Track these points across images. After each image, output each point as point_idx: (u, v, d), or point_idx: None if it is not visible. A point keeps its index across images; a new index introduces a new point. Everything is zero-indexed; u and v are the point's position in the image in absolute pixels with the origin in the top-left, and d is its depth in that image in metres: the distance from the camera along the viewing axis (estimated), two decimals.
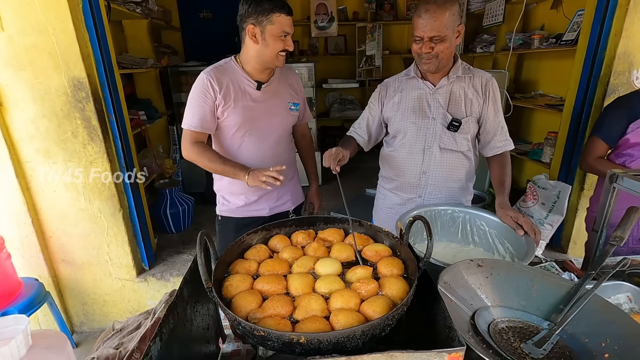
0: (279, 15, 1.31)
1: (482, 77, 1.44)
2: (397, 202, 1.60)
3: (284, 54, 1.40)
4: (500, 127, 1.45)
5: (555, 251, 2.58)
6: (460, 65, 1.43)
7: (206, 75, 1.41)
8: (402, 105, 1.49)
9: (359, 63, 5.23)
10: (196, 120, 1.42)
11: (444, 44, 1.30)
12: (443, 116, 1.43)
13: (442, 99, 1.43)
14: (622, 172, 1.16)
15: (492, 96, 1.43)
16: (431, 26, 1.26)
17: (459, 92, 1.42)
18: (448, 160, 1.48)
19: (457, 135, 1.44)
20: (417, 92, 1.47)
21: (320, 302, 0.78)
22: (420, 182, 1.52)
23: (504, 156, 1.47)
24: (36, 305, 1.92)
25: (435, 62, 1.34)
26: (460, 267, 0.94)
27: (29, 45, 1.85)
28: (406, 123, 1.48)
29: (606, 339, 0.78)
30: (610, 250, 0.98)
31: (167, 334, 0.73)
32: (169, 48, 4.25)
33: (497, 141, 1.46)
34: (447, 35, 1.28)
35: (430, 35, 1.28)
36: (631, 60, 2.10)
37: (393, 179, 1.59)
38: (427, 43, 1.30)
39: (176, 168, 3.72)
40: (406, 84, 1.50)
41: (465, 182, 1.55)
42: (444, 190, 1.52)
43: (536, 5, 3.39)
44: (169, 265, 2.55)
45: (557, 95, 3.07)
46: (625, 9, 2.00)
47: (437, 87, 1.43)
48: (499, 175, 1.43)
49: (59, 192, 2.11)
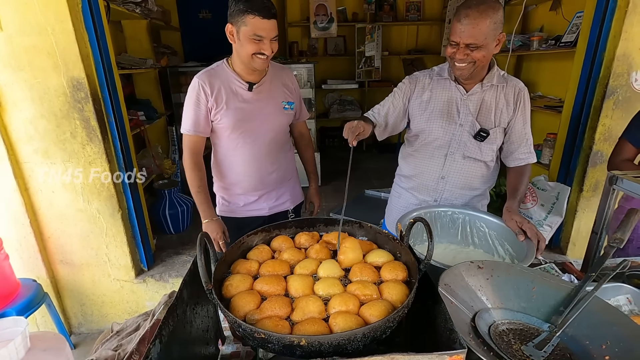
0: (253, 18, 1.28)
1: (516, 87, 1.38)
2: (413, 202, 1.56)
3: (262, 57, 1.35)
4: (525, 139, 1.40)
5: (555, 252, 2.58)
6: (496, 73, 1.36)
7: (198, 79, 1.43)
8: (431, 105, 1.43)
9: (358, 64, 5.23)
10: (190, 124, 1.47)
11: (480, 52, 1.22)
12: (471, 124, 1.38)
13: (472, 106, 1.38)
14: (622, 174, 1.16)
15: (522, 107, 1.37)
16: (469, 33, 1.19)
17: (491, 100, 1.37)
18: (469, 168, 1.43)
19: (482, 145, 1.39)
20: (448, 94, 1.41)
21: (319, 304, 0.78)
22: (438, 186, 1.48)
23: (524, 167, 1.42)
24: (34, 307, 1.91)
25: (470, 68, 1.27)
26: (460, 268, 0.94)
27: (28, 45, 1.84)
28: (432, 125, 1.42)
29: (607, 341, 0.78)
30: (610, 252, 0.98)
31: (167, 336, 0.72)
32: (169, 48, 4.25)
33: (520, 153, 1.41)
34: (486, 45, 1.21)
35: (467, 42, 1.21)
36: (630, 62, 2.10)
37: (411, 178, 1.54)
38: (462, 49, 1.23)
39: (175, 169, 3.71)
40: (437, 83, 1.43)
41: (484, 190, 1.52)
42: (461, 197, 1.48)
43: (535, 7, 3.40)
44: (168, 267, 2.54)
45: (557, 97, 3.08)
46: (625, 11, 2.00)
47: (470, 94, 1.37)
48: (515, 182, 1.40)
49: (57, 193, 2.10)
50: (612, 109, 2.19)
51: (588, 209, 2.40)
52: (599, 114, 2.21)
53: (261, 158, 1.54)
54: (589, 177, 2.33)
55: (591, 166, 2.31)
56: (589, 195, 2.38)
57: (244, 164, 1.53)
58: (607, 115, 2.20)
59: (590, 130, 2.27)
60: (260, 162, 1.54)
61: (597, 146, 2.26)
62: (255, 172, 1.55)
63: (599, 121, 2.21)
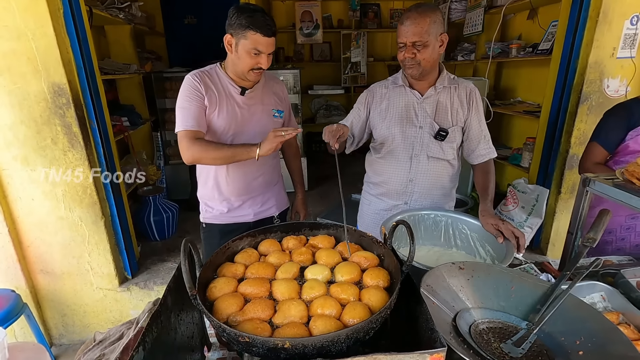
0: (254, 34, 1.31)
1: (467, 87, 1.48)
2: (382, 207, 1.62)
3: (258, 71, 1.40)
4: (483, 135, 1.49)
5: (535, 253, 2.66)
6: (446, 76, 1.47)
7: (192, 76, 1.42)
8: (390, 112, 1.51)
9: (344, 70, 5.29)
10: (191, 120, 1.38)
11: (426, 51, 1.33)
12: (430, 125, 1.46)
13: (429, 108, 1.46)
14: (594, 177, 1.21)
15: (475, 105, 1.47)
16: (412, 31, 1.31)
17: (446, 101, 1.46)
18: (434, 168, 1.51)
19: (443, 144, 1.47)
20: (405, 100, 1.49)
21: (301, 309, 0.79)
22: (407, 189, 1.54)
23: (487, 164, 1.50)
24: (13, 318, 1.85)
25: (419, 68, 1.37)
26: (442, 270, 0.97)
27: (7, 50, 1.81)
28: (394, 131, 1.49)
29: (580, 336, 0.81)
30: (584, 251, 1.02)
31: (151, 343, 0.72)
32: (153, 54, 4.21)
33: (481, 149, 1.49)
34: (429, 42, 1.32)
35: (412, 41, 1.32)
36: (602, 69, 2.20)
37: (380, 185, 1.60)
38: (409, 48, 1.34)
39: (160, 175, 3.67)
40: (393, 91, 1.52)
41: (449, 190, 1.59)
42: (429, 198, 1.55)
43: (513, 16, 3.52)
44: (153, 274, 2.50)
45: (535, 102, 3.18)
46: (595, 21, 2.10)
47: (425, 97, 1.46)
48: (482, 182, 1.46)
49: (37, 200, 2.05)
50: (587, 114, 2.28)
51: (566, 211, 2.48)
52: (574, 118, 2.30)
53: (247, 162, 1.53)
54: (566, 179, 2.42)
55: (568, 169, 2.39)
56: (567, 197, 2.46)
57: (231, 168, 1.53)
58: (581, 120, 2.29)
59: (567, 134, 2.36)
60: (247, 166, 1.54)
61: (573, 150, 2.35)
62: (241, 176, 1.55)
63: (574, 126, 2.30)
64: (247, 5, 1.36)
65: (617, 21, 2.10)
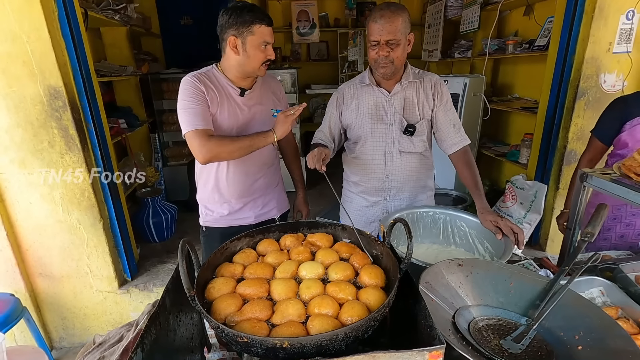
0: (260, 27, 1.33)
1: (432, 80, 1.51)
2: (364, 204, 1.65)
3: (267, 63, 1.42)
4: (452, 124, 1.50)
5: (535, 249, 2.66)
6: (411, 71, 1.50)
7: (191, 77, 1.39)
8: (360, 112, 1.53)
9: (341, 68, 5.28)
10: (199, 119, 1.34)
11: (398, 49, 1.36)
12: (400, 122, 1.50)
13: (397, 105, 1.50)
14: (591, 171, 1.21)
15: (440, 96, 1.50)
16: (387, 30, 1.32)
17: (413, 96, 1.50)
18: (408, 162, 1.54)
19: (413, 139, 1.51)
20: (374, 99, 1.51)
21: (298, 308, 0.79)
22: (385, 185, 1.58)
23: (465, 153, 1.49)
24: (12, 322, 1.84)
25: (392, 67, 1.40)
26: (441, 266, 0.97)
27: (2, 53, 1.80)
28: (365, 129, 1.53)
29: (579, 331, 0.82)
30: (582, 246, 1.02)
31: (149, 345, 0.72)
32: (149, 55, 4.20)
33: (452, 137, 1.50)
34: (401, 41, 1.35)
35: (387, 39, 1.33)
36: (598, 65, 2.20)
37: (358, 183, 1.63)
38: (383, 47, 1.35)
39: (158, 176, 3.66)
40: (361, 90, 1.54)
41: (425, 180, 1.63)
42: (407, 191, 1.59)
43: (509, 12, 3.51)
44: (152, 276, 2.50)
45: (532, 98, 3.18)
46: (591, 16, 2.10)
47: (392, 94, 1.49)
48: (469, 177, 1.45)
49: (35, 204, 2.05)
50: (584, 109, 2.28)
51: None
52: (571, 114, 2.30)
53: (248, 163, 1.53)
54: (564, 175, 2.42)
55: (566, 164, 2.39)
56: (565, 193, 2.46)
57: (231, 170, 1.52)
58: (578, 115, 2.29)
59: (564, 130, 2.36)
60: (248, 167, 1.53)
61: (571, 145, 2.35)
62: (242, 178, 1.54)
63: (572, 121, 2.30)
64: (239, 3, 1.36)
65: (612, 16, 2.10)
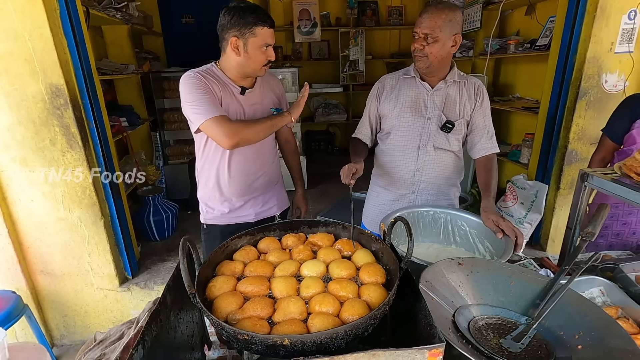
0: (262, 29, 1.33)
1: (475, 84, 1.52)
2: (390, 198, 1.64)
3: (268, 64, 1.42)
4: (487, 130, 1.51)
5: (535, 249, 2.66)
6: (457, 72, 1.51)
7: (192, 72, 1.38)
8: (400, 102, 1.53)
9: (342, 68, 5.28)
10: (215, 107, 1.31)
11: (435, 46, 1.36)
12: (438, 117, 1.49)
13: (438, 100, 1.50)
14: (592, 171, 1.21)
15: (481, 100, 1.50)
16: (426, 23, 1.34)
17: (455, 95, 1.49)
18: (441, 158, 1.54)
19: (449, 136, 1.50)
20: (415, 91, 1.52)
21: (299, 305, 0.79)
22: (415, 178, 1.57)
23: (490, 160, 1.51)
24: (14, 319, 1.85)
25: (426, 61, 1.39)
26: (441, 265, 0.97)
27: (4, 51, 1.80)
28: (402, 120, 1.53)
29: (579, 331, 0.82)
30: (582, 245, 1.02)
31: (150, 342, 0.72)
32: (151, 54, 4.20)
33: (483, 143, 1.51)
34: (440, 38, 1.34)
35: (424, 32, 1.35)
36: (600, 64, 2.19)
37: (388, 175, 1.62)
38: (420, 39, 1.37)
39: (159, 175, 3.67)
40: (404, 82, 1.55)
41: (455, 180, 1.63)
42: (435, 187, 1.59)
43: (511, 12, 3.51)
44: (153, 274, 2.50)
45: (533, 98, 3.18)
46: (593, 16, 2.09)
47: (435, 89, 1.49)
48: (485, 179, 1.47)
49: (37, 202, 2.05)
50: (585, 109, 2.28)
51: (565, 206, 2.48)
52: (572, 114, 2.30)
53: (249, 162, 1.53)
54: (565, 175, 2.41)
55: (567, 164, 2.39)
56: (566, 193, 2.46)
57: (232, 168, 1.52)
58: (580, 115, 2.29)
59: (565, 130, 2.36)
60: (248, 165, 1.53)
61: (572, 145, 2.35)
62: (243, 176, 1.54)
63: (573, 121, 2.30)
64: (241, 4, 1.35)
65: (614, 16, 2.10)
